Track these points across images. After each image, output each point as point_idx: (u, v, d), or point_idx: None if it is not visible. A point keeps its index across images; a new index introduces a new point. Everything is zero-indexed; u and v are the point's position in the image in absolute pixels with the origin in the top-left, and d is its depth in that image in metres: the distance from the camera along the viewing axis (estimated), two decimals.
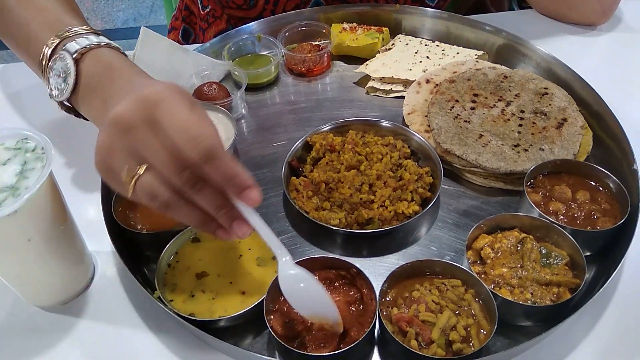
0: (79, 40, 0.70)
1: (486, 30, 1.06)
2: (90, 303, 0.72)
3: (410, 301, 0.65)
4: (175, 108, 0.55)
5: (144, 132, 0.55)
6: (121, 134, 0.56)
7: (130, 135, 0.55)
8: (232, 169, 0.55)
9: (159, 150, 0.55)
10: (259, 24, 1.10)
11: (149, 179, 0.56)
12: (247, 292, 0.68)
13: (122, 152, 0.56)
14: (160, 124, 0.54)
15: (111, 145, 0.57)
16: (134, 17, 3.26)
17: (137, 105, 0.56)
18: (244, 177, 0.56)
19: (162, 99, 0.55)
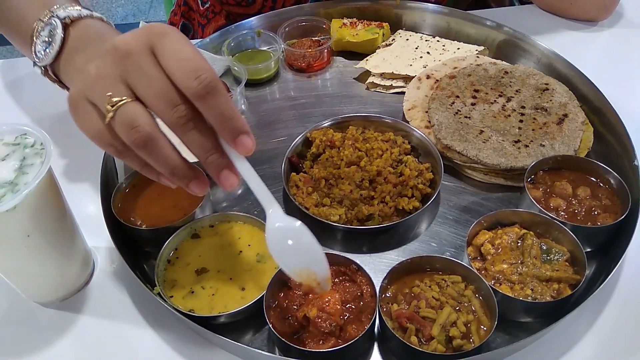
0: (69, 10, 0.70)
1: (487, 25, 1.06)
2: (90, 299, 0.72)
3: (410, 297, 0.65)
4: (180, 41, 0.53)
5: (143, 58, 0.52)
6: (118, 60, 0.52)
7: (128, 61, 0.52)
8: (231, 109, 0.53)
9: (156, 79, 0.51)
10: (258, 19, 1.09)
11: (134, 107, 0.52)
12: (247, 288, 0.68)
13: (112, 79, 0.53)
14: (162, 53, 0.52)
15: (100, 72, 0.53)
16: (134, 13, 3.25)
17: (140, 33, 0.53)
18: (242, 121, 0.53)
19: (167, 31, 0.53)
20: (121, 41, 0.53)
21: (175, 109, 0.52)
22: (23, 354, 0.67)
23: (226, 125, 0.53)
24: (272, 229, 0.58)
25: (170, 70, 0.51)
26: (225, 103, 0.52)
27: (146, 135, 0.52)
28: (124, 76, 0.52)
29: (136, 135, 0.52)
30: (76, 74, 0.64)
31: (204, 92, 0.51)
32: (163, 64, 0.52)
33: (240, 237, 0.73)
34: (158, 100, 0.52)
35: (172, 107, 0.52)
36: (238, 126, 0.54)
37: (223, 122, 0.53)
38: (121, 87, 0.52)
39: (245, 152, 0.55)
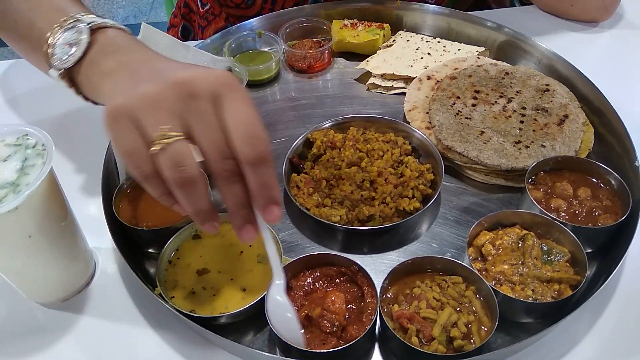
0: (93, 17, 0.68)
1: (487, 26, 1.06)
2: (91, 300, 0.72)
3: (411, 298, 0.65)
4: (245, 100, 0.54)
5: (208, 106, 0.53)
6: (181, 97, 0.53)
7: (192, 102, 0.53)
8: (272, 180, 0.55)
9: (215, 130, 0.53)
10: (259, 20, 1.10)
11: (186, 147, 0.53)
12: (248, 288, 0.68)
13: (171, 113, 0.53)
14: (227, 108, 0.53)
15: (160, 101, 0.53)
16: (134, 14, 3.25)
17: (209, 78, 0.54)
18: (277, 193, 0.56)
19: (234, 86, 0.54)
20: (188, 79, 0.54)
21: (226, 162, 0.53)
22: (24, 355, 0.67)
23: (264, 193, 0.55)
24: (274, 299, 0.63)
25: (230, 129, 0.53)
26: (270, 174, 0.54)
27: (191, 177, 0.53)
28: (184, 115, 0.53)
29: (181, 175, 0.53)
30: (109, 80, 0.61)
31: (255, 160, 0.53)
32: (225, 119, 0.53)
33: None
34: (211, 149, 0.53)
35: (222, 159, 0.53)
36: (273, 196, 0.55)
37: (262, 190, 0.55)
38: (178, 123, 0.53)
39: (272, 220, 0.57)
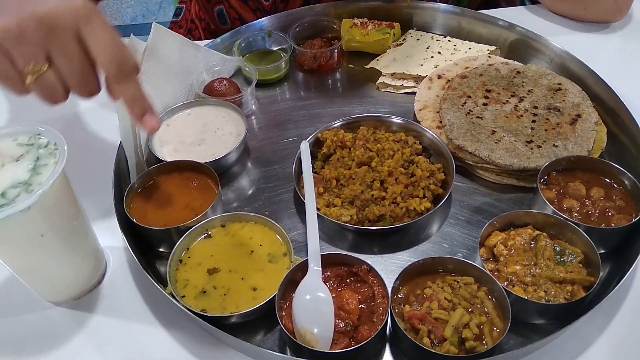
0: None
1: (499, 25, 1.05)
2: (103, 298, 0.72)
3: (422, 298, 0.64)
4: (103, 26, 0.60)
5: (67, 39, 0.60)
6: (41, 31, 0.59)
7: (53, 36, 0.59)
8: (140, 93, 0.64)
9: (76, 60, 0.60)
10: (269, 19, 1.09)
11: (52, 76, 0.61)
12: (258, 288, 0.68)
13: (34, 46, 0.59)
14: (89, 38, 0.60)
15: (21, 35, 0.59)
16: (143, 14, 3.27)
17: (68, 12, 0.59)
18: (147, 103, 0.65)
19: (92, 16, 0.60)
20: (48, 13, 0.59)
21: (85, 87, 0.62)
22: (36, 353, 0.67)
23: (136, 104, 0.64)
24: (305, 286, 0.65)
25: (94, 54, 0.60)
26: (137, 87, 0.63)
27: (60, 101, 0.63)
28: (46, 47, 0.60)
29: (53, 101, 0.62)
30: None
31: (120, 77, 0.61)
32: (89, 48, 0.60)
33: (251, 237, 0.73)
34: (72, 75, 0.61)
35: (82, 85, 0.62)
36: (145, 106, 0.65)
37: (134, 102, 0.64)
38: (42, 55, 0.60)
39: (150, 128, 0.66)
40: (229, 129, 0.89)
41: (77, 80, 0.62)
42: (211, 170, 0.79)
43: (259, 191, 0.85)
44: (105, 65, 0.61)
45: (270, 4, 1.10)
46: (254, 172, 0.88)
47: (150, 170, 0.80)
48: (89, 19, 0.60)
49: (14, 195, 0.58)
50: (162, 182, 0.80)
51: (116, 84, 0.62)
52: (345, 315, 0.62)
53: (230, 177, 0.87)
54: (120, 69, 0.61)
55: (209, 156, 0.84)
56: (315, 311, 0.63)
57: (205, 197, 0.78)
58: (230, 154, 0.85)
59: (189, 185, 0.80)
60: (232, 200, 0.84)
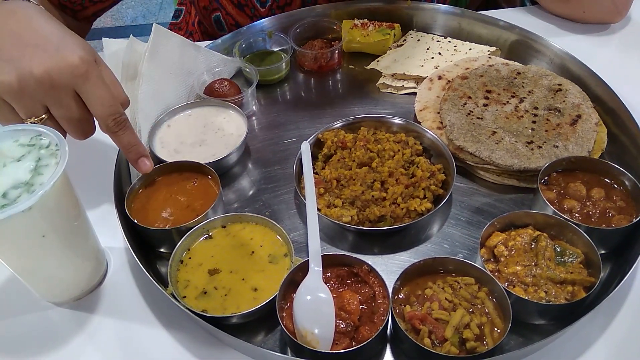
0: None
1: (499, 26, 1.05)
2: (104, 299, 0.72)
3: (423, 299, 0.64)
4: (97, 85, 0.67)
5: (64, 95, 0.67)
6: (40, 90, 0.65)
7: (50, 94, 0.66)
8: (135, 140, 0.73)
9: (74, 110, 0.68)
10: (269, 20, 1.10)
11: (51, 124, 0.68)
12: (259, 288, 0.68)
13: (32, 100, 0.66)
14: (86, 96, 0.67)
15: (22, 92, 0.65)
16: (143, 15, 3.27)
17: (65, 72, 0.65)
18: (142, 148, 0.74)
19: (88, 73, 0.66)
20: (46, 74, 0.65)
21: (80, 133, 0.72)
22: (37, 353, 0.67)
23: (132, 150, 0.73)
24: (306, 286, 0.66)
25: (92, 109, 0.69)
26: (130, 135, 0.72)
27: None
28: (45, 102, 0.67)
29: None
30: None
31: (117, 129, 0.70)
32: (86, 103, 0.68)
33: (252, 237, 0.73)
34: (68, 125, 0.70)
35: (77, 132, 0.71)
36: (140, 151, 0.74)
37: (130, 148, 0.73)
38: (41, 108, 0.68)
39: (144, 170, 0.76)
40: (230, 130, 0.89)
41: (73, 128, 0.70)
42: (212, 171, 0.79)
43: (260, 192, 0.85)
44: (102, 119, 0.69)
45: (266, 10, 1.11)
46: (254, 173, 0.88)
47: (151, 171, 0.80)
48: (86, 76, 0.66)
49: (15, 196, 0.58)
50: (163, 183, 0.80)
51: (112, 134, 0.71)
52: (346, 316, 0.63)
53: (231, 177, 0.87)
54: (116, 122, 0.69)
55: (209, 157, 0.84)
56: (316, 312, 0.63)
57: (206, 197, 0.78)
58: (231, 155, 0.85)
59: (190, 186, 0.80)
60: (233, 201, 0.84)
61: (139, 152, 0.74)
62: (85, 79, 0.66)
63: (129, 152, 0.73)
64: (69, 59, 0.66)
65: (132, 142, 0.73)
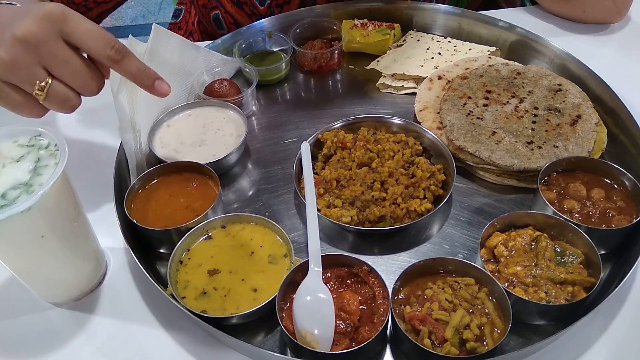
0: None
1: (499, 26, 1.05)
2: (103, 299, 0.72)
3: (423, 299, 0.64)
4: (82, 21, 0.64)
5: (55, 45, 0.63)
6: (30, 50, 0.62)
7: (41, 50, 0.62)
8: (142, 65, 0.68)
9: (71, 61, 0.64)
10: (269, 20, 1.10)
11: (59, 87, 0.65)
12: (259, 289, 0.68)
13: (30, 66, 0.63)
14: (74, 35, 0.63)
15: (14, 61, 0.62)
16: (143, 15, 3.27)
17: (44, 23, 0.62)
18: (153, 71, 0.69)
19: (67, 15, 0.63)
20: (27, 33, 0.62)
21: (91, 84, 0.66)
22: (36, 354, 0.67)
23: (142, 76, 0.68)
24: (306, 287, 0.65)
25: (86, 46, 0.64)
26: (137, 61, 0.67)
27: (77, 105, 0.68)
28: (42, 62, 0.63)
29: (69, 107, 0.66)
30: None
31: (119, 56, 0.65)
32: (78, 44, 0.64)
33: (252, 238, 0.73)
34: (75, 78, 0.65)
35: (87, 84, 0.66)
36: (152, 74, 0.68)
37: (141, 74, 0.68)
38: (41, 71, 0.64)
39: (162, 93, 0.70)
40: (230, 130, 0.89)
41: (82, 80, 0.66)
42: (212, 171, 0.79)
43: (260, 192, 0.85)
44: (100, 50, 0.64)
45: (265, 8, 1.11)
46: (254, 173, 0.88)
47: (150, 171, 0.80)
48: (64, 18, 0.63)
49: (14, 196, 0.58)
50: (162, 183, 0.80)
51: (116, 64, 0.65)
52: (346, 316, 0.62)
53: (230, 178, 0.87)
54: (116, 49, 0.64)
55: (209, 157, 0.84)
56: (315, 312, 0.63)
57: (205, 198, 0.78)
58: (231, 155, 0.85)
59: (190, 186, 0.80)
60: (233, 201, 0.84)
61: (152, 75, 0.69)
62: (65, 18, 0.63)
63: (141, 78, 0.68)
64: (42, 9, 0.63)
65: (140, 67, 0.67)
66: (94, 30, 0.64)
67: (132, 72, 0.67)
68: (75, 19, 0.63)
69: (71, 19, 0.63)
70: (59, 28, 0.63)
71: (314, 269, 0.66)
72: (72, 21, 0.63)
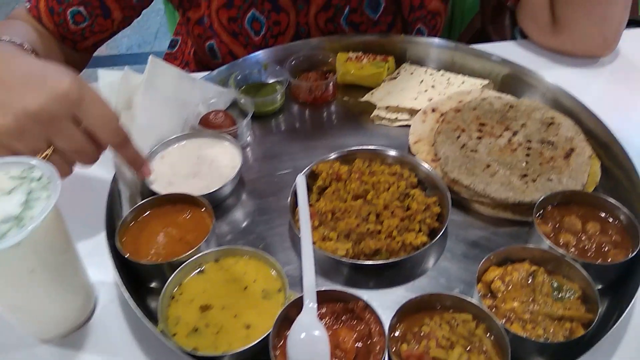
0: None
1: (491, 60, 1.07)
2: (92, 335, 0.70)
3: (420, 337, 0.63)
4: (94, 106, 0.68)
5: (65, 125, 0.67)
6: (39, 125, 0.65)
7: (50, 127, 0.66)
8: (135, 151, 0.76)
9: (77, 139, 0.68)
10: (265, 52, 1.11)
11: (58, 159, 0.69)
12: (252, 325, 0.66)
13: (34, 139, 0.66)
14: (87, 118, 0.68)
15: (21, 132, 0.65)
16: (139, 44, 3.30)
17: (60, 104, 0.66)
18: (142, 157, 0.79)
19: (83, 97, 0.67)
20: (40, 110, 0.65)
21: (88, 159, 0.72)
22: None
23: (136, 162, 0.78)
24: (300, 324, 0.64)
25: (96, 132, 0.69)
26: (133, 147, 0.76)
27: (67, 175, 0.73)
28: (47, 137, 0.67)
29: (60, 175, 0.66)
30: None
31: (121, 144, 0.74)
32: (87, 127, 0.69)
33: (245, 272, 0.72)
34: (75, 154, 0.70)
35: (84, 159, 0.72)
36: (142, 161, 0.79)
37: (135, 161, 0.77)
38: (44, 144, 0.68)
39: (147, 174, 0.80)
40: (224, 161, 0.89)
41: (79, 156, 0.71)
42: (205, 203, 0.79)
43: (254, 224, 0.84)
44: (107, 139, 0.71)
45: (260, 39, 1.12)
46: (248, 205, 0.88)
47: (143, 202, 0.79)
48: (81, 99, 0.66)
49: (4, 230, 0.57)
50: (155, 215, 0.79)
51: (118, 149, 0.74)
52: (341, 355, 0.61)
53: (224, 209, 0.87)
54: (120, 136, 0.71)
55: (203, 189, 0.83)
56: (310, 350, 0.62)
57: (199, 230, 0.77)
58: (225, 187, 0.84)
59: (183, 218, 0.79)
60: (227, 233, 0.83)
61: (142, 162, 0.79)
62: (81, 101, 0.67)
63: (136, 162, 0.77)
64: (60, 87, 0.66)
65: (135, 155, 0.76)
66: (105, 117, 0.69)
67: (131, 157, 0.76)
68: (91, 103, 0.67)
69: (85, 101, 0.67)
70: (72, 110, 0.67)
71: (308, 305, 0.65)
72: (86, 104, 0.67)
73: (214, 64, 1.16)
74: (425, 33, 1.20)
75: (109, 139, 0.71)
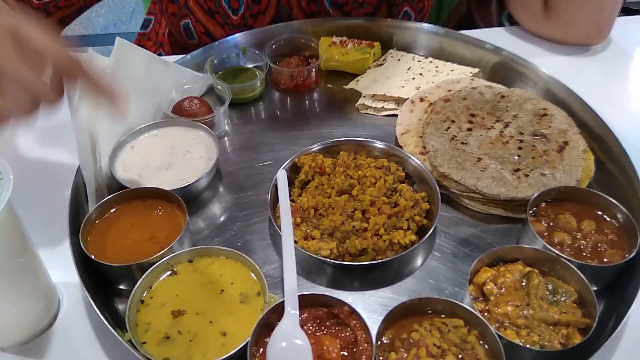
0: None
1: (482, 47, 1.02)
2: (53, 343, 0.65)
3: (409, 344, 0.59)
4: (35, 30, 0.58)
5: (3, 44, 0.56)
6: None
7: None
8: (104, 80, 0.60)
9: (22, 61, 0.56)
10: (244, 35, 1.04)
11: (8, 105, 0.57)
12: (228, 333, 0.61)
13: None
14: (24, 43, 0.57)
15: None
16: (114, 23, 3.17)
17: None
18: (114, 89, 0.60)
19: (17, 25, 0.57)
20: None
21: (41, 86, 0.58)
22: None
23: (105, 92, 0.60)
24: (281, 331, 0.60)
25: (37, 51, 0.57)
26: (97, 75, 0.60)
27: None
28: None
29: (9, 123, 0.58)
30: None
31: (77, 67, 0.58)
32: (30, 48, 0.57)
33: (222, 274, 0.67)
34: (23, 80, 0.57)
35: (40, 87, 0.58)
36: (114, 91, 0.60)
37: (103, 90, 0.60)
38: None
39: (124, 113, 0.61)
40: (199, 152, 0.83)
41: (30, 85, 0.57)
42: (178, 198, 0.73)
43: (231, 220, 0.79)
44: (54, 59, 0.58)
45: (238, 18, 1.06)
46: (226, 199, 0.82)
47: (110, 198, 0.73)
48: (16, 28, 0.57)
49: None
50: (123, 212, 0.73)
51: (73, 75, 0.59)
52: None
53: (200, 204, 0.81)
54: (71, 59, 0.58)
55: (176, 182, 0.78)
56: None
57: (171, 228, 0.71)
58: (201, 180, 0.79)
59: (154, 215, 0.73)
60: (202, 230, 0.78)
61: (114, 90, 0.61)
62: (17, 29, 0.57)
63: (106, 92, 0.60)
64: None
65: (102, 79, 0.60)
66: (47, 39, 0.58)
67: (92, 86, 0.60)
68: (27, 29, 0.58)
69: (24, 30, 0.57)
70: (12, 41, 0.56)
71: (290, 312, 0.60)
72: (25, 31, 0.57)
73: (190, 45, 1.09)
74: (412, 17, 1.14)
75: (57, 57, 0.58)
